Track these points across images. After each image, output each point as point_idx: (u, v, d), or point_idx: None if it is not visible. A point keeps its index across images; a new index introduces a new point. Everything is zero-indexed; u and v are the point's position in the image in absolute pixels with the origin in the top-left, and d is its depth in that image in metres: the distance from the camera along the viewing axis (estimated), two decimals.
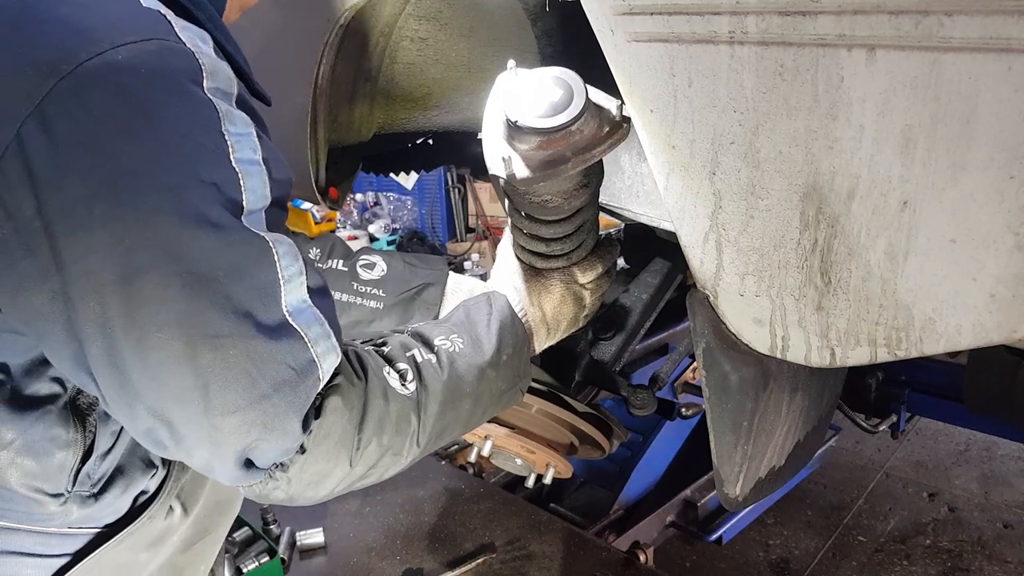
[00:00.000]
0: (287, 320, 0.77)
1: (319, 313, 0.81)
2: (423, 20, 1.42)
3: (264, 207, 0.78)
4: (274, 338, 0.75)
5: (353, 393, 0.86)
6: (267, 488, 0.84)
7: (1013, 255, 0.69)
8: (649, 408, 1.39)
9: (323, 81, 1.41)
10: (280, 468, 0.83)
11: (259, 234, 0.76)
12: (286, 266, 0.77)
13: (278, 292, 0.76)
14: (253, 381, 0.74)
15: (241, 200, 0.75)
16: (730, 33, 0.76)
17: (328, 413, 0.84)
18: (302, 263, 0.80)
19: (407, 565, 2.12)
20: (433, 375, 0.95)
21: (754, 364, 1.03)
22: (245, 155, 0.76)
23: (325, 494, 0.90)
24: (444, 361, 0.97)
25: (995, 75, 0.63)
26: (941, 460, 3.72)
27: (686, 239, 0.95)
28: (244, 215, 0.75)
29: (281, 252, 0.77)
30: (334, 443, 0.85)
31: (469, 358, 1.00)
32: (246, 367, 0.73)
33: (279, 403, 0.76)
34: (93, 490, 0.89)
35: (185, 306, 0.70)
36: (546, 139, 0.92)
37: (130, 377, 0.72)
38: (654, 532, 2.70)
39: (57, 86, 0.67)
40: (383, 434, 0.89)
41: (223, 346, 0.72)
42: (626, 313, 1.52)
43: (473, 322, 1.05)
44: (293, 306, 0.78)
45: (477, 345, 1.02)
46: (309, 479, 0.86)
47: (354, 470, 0.89)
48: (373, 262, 1.39)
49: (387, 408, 0.89)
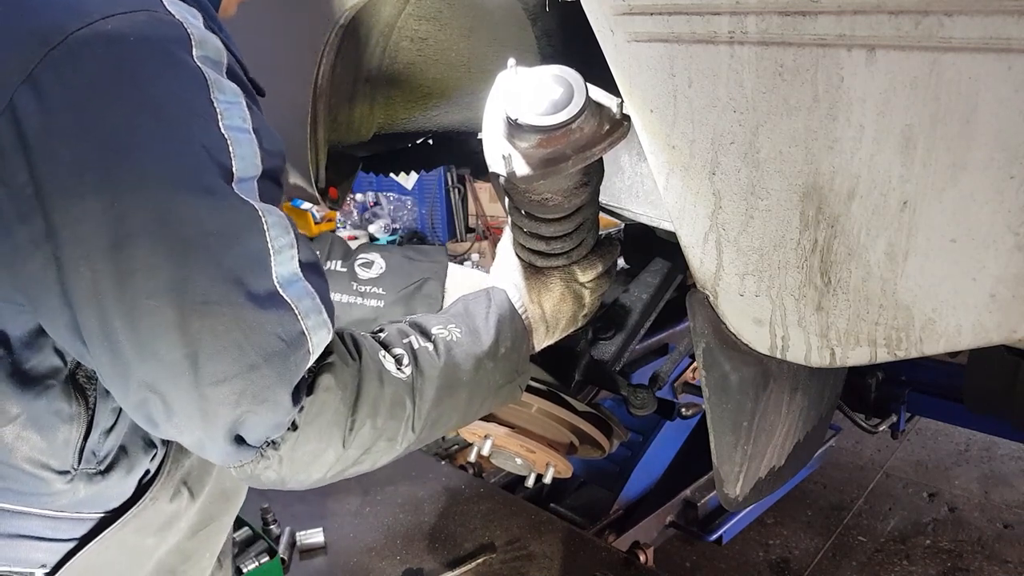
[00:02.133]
0: (277, 291, 0.77)
1: (310, 287, 0.81)
2: (423, 20, 1.42)
3: (255, 176, 0.78)
4: (264, 307, 0.75)
5: (347, 373, 0.86)
6: (258, 468, 0.84)
7: (1013, 255, 0.69)
8: (649, 408, 1.39)
9: (323, 81, 1.41)
10: (272, 446, 0.83)
11: (249, 202, 0.76)
12: (276, 236, 0.77)
13: (268, 262, 0.76)
14: (242, 350, 0.74)
15: (231, 166, 0.75)
16: (730, 33, 0.76)
17: (321, 391, 0.84)
18: (294, 237, 0.80)
19: (407, 565, 2.12)
20: (430, 361, 0.96)
21: (754, 364, 1.03)
22: (234, 123, 0.76)
23: (318, 477, 0.90)
24: (441, 349, 0.98)
25: (995, 75, 0.63)
26: (941, 460, 3.72)
27: (686, 239, 0.95)
28: (235, 182, 0.75)
29: (271, 222, 0.77)
30: (327, 422, 0.85)
31: (467, 347, 1.00)
32: (235, 336, 0.73)
33: (269, 374, 0.76)
34: (100, 467, 0.89)
35: (174, 272, 0.71)
36: (546, 137, 0.92)
37: (122, 347, 0.72)
38: (654, 532, 2.70)
39: (49, 55, 0.68)
40: (377, 416, 0.89)
41: (212, 313, 0.72)
42: (626, 313, 1.52)
43: (472, 314, 1.05)
44: (284, 277, 0.78)
45: (475, 336, 1.02)
46: (301, 459, 0.85)
47: (347, 452, 0.88)
48: (371, 260, 1.38)
49: (382, 391, 0.89)
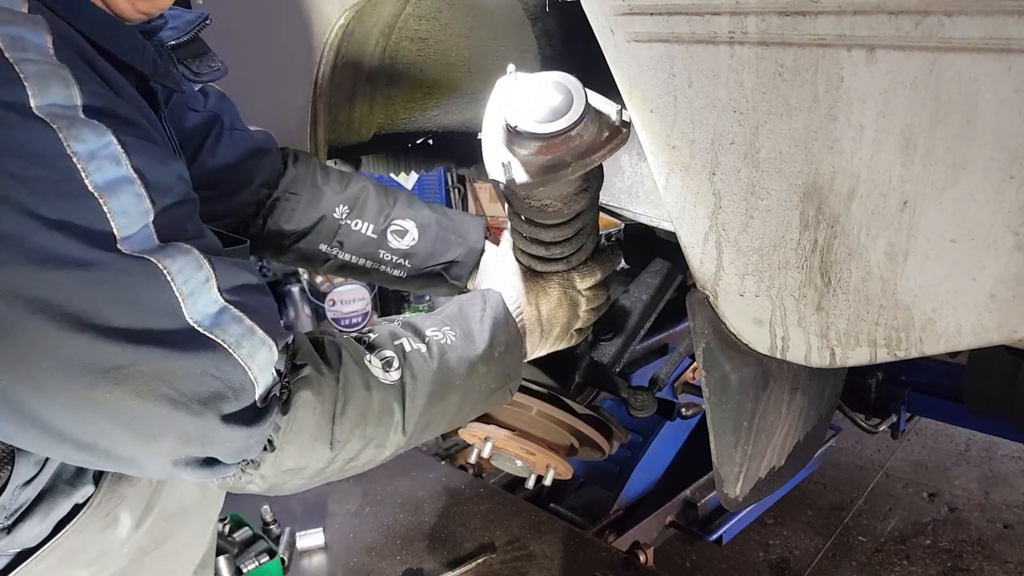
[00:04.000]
0: (197, 331, 0.73)
1: (237, 312, 0.76)
2: (423, 20, 1.42)
3: (148, 221, 0.72)
4: (186, 352, 0.71)
5: (324, 384, 0.84)
6: (241, 482, 0.82)
7: (1013, 255, 0.69)
8: (649, 410, 1.39)
9: (323, 81, 1.41)
10: (251, 464, 0.81)
11: (141, 258, 0.70)
12: (185, 280, 0.72)
13: (178, 308, 0.72)
14: (174, 401, 0.71)
15: (109, 228, 0.68)
16: (730, 33, 0.76)
17: (298, 408, 0.81)
18: (209, 267, 0.75)
19: (407, 565, 2.12)
20: (423, 365, 0.94)
21: (754, 364, 1.03)
22: (104, 176, 0.68)
23: (304, 483, 0.88)
24: (435, 352, 0.96)
25: (995, 75, 0.63)
26: (941, 460, 3.72)
27: (686, 239, 0.95)
28: (120, 242, 0.69)
29: (176, 268, 0.72)
30: (308, 437, 0.83)
31: (461, 351, 0.98)
32: (162, 390, 0.70)
33: (210, 415, 0.73)
34: (7, 522, 0.83)
35: (70, 349, 0.67)
36: (546, 144, 0.92)
37: (46, 422, 0.69)
38: (654, 532, 2.69)
39: None
40: (366, 425, 0.87)
41: (128, 376, 0.69)
42: (626, 314, 1.52)
43: (466, 316, 1.04)
44: (202, 315, 0.73)
45: (469, 339, 1.01)
46: (285, 473, 0.84)
47: (334, 462, 0.87)
48: (405, 229, 1.31)
49: (369, 398, 0.87)
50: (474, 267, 1.34)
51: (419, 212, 1.33)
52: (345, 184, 1.33)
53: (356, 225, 1.30)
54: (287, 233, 1.31)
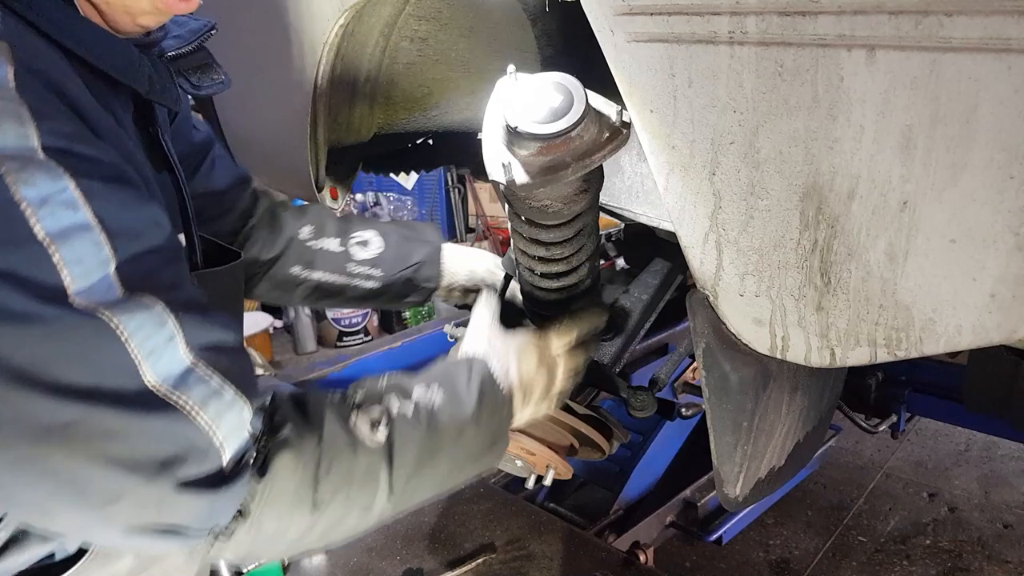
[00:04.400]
0: (153, 393, 0.68)
1: (206, 372, 0.71)
2: (423, 20, 1.42)
3: (108, 272, 0.67)
4: (139, 415, 0.67)
5: (305, 446, 0.80)
6: (213, 552, 0.77)
7: (1013, 255, 0.69)
8: (649, 410, 1.39)
9: (323, 81, 1.41)
10: (222, 533, 0.76)
11: (93, 315, 0.65)
12: (144, 338, 0.67)
13: (133, 368, 0.67)
14: (126, 464, 0.67)
15: (58, 279, 0.64)
16: (730, 33, 0.76)
17: (277, 471, 0.77)
18: (174, 323, 0.70)
19: (407, 565, 2.12)
20: (409, 427, 0.89)
21: (754, 364, 1.03)
22: (57, 223, 0.63)
23: (284, 550, 0.84)
24: (423, 414, 0.91)
25: (995, 75, 0.63)
26: (941, 460, 3.72)
27: (686, 239, 0.95)
28: (72, 294, 0.64)
29: (133, 326, 0.67)
30: (287, 503, 0.78)
31: (448, 414, 0.94)
32: (113, 452, 0.66)
33: (166, 481, 0.68)
34: None
35: (15, 404, 0.62)
36: (546, 145, 0.92)
37: None
38: (654, 532, 2.69)
39: None
40: (350, 488, 0.83)
41: (77, 435, 0.64)
42: (626, 314, 1.52)
43: (452, 377, 0.99)
44: (163, 374, 0.69)
45: (457, 400, 0.96)
46: (262, 540, 0.79)
47: (314, 528, 0.82)
48: (367, 239, 1.35)
49: (354, 461, 0.83)
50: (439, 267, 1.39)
51: (376, 224, 1.40)
52: (303, 211, 1.41)
53: (321, 244, 1.35)
54: (260, 262, 1.35)
